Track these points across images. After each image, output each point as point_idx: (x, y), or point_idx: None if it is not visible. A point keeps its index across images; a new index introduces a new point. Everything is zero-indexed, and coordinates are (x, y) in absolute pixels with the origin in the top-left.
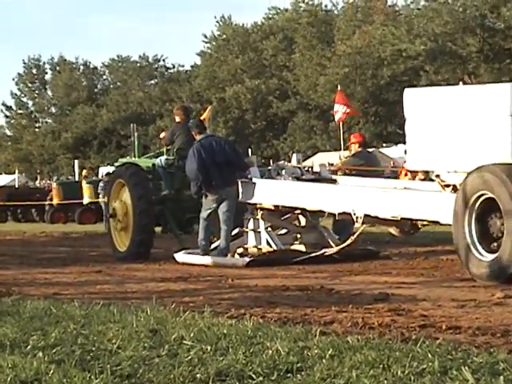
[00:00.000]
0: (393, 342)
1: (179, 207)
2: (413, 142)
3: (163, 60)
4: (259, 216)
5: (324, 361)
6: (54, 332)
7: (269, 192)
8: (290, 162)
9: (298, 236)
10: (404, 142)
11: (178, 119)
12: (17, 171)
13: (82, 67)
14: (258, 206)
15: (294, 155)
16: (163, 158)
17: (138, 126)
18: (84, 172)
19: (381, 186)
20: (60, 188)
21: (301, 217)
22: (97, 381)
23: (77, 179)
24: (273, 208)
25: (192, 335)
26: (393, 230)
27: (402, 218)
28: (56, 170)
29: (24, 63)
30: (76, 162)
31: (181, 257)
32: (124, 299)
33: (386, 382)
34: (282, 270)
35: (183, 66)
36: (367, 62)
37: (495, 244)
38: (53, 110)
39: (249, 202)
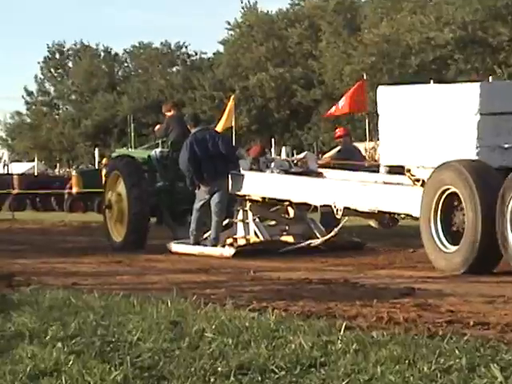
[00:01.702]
0: (419, 338)
1: (173, 199)
2: (386, 137)
3: (185, 47)
4: (248, 207)
5: (348, 356)
6: (73, 322)
7: (256, 184)
8: (314, 152)
9: (287, 227)
10: None
11: (170, 113)
12: (36, 159)
13: (102, 54)
14: (246, 197)
15: (283, 148)
16: (158, 150)
17: (159, 114)
18: (104, 160)
19: (361, 180)
20: (79, 176)
21: (290, 209)
22: (116, 372)
23: (96, 167)
24: (260, 200)
25: (213, 328)
26: (372, 223)
27: (378, 211)
28: (76, 158)
29: (48, 47)
30: (96, 150)
31: (173, 246)
32: (144, 290)
33: (411, 378)
34: (305, 262)
35: (206, 54)
36: (394, 51)
37: (458, 237)
38: (73, 96)
39: (238, 193)
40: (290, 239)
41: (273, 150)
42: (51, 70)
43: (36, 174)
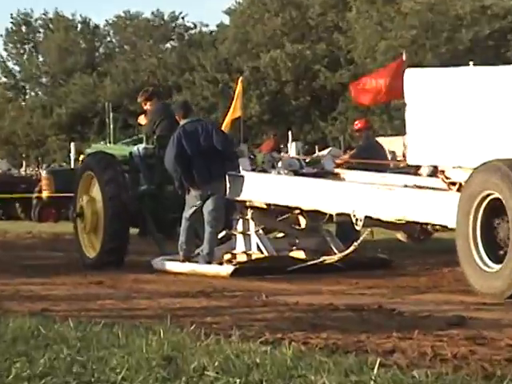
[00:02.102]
0: (471, 379)
1: (160, 205)
2: (414, 131)
3: (182, 18)
4: (249, 216)
5: None
6: (42, 358)
7: (260, 188)
8: (341, 149)
9: (297, 241)
10: None
11: (149, 105)
12: None
13: (80, 26)
14: (247, 203)
15: (293, 144)
16: (141, 146)
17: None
18: (82, 157)
19: (386, 183)
20: (51, 177)
21: (301, 218)
22: None
23: (72, 166)
24: (265, 207)
25: (216, 364)
26: (399, 236)
27: (406, 221)
28: (46, 154)
29: (12, 18)
30: (72, 144)
31: (158, 264)
32: (131, 318)
33: None
34: (329, 283)
35: (207, 26)
36: (441, 22)
37: (502, 252)
38: (43, 79)
39: (237, 199)
40: (300, 255)
41: (290, 145)
42: (16, 45)
43: None
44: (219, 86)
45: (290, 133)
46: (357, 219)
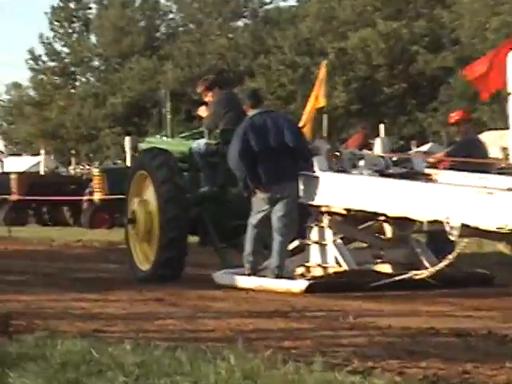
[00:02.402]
0: None
1: (223, 211)
2: None
3: None
4: (326, 223)
5: None
6: None
7: (338, 191)
8: (443, 145)
9: (382, 252)
10: None
11: (210, 96)
12: (43, 151)
13: (138, 0)
14: (324, 209)
15: (378, 140)
16: (202, 141)
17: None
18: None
19: (485, 186)
20: (104, 177)
21: (386, 226)
22: None
23: (128, 164)
24: (345, 213)
25: None
26: (502, 247)
27: (510, 230)
28: (99, 150)
29: None
30: (127, 139)
31: (220, 278)
32: (196, 341)
33: None
34: (427, 303)
35: (285, 1)
36: None
37: None
38: (96, 62)
39: (312, 203)
40: (386, 269)
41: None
42: (64, 24)
43: (42, 172)
44: (299, 70)
45: (381, 126)
46: (451, 227)
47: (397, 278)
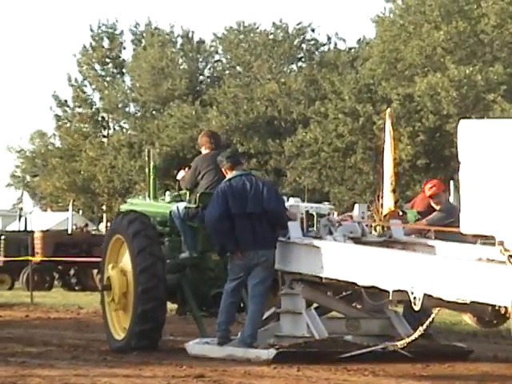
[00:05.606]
0: None
1: (203, 277)
2: (468, 194)
3: (312, 30)
4: (299, 291)
5: None
6: None
7: (311, 258)
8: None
9: (357, 323)
10: None
11: (203, 150)
12: (71, 207)
13: (180, 40)
14: (297, 276)
15: (357, 206)
16: (182, 204)
17: (268, 137)
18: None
19: (450, 255)
20: None
21: (364, 294)
22: None
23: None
24: (319, 280)
25: None
26: (468, 319)
27: (471, 302)
28: None
29: (91, 31)
30: (167, 193)
31: (191, 347)
32: None
33: None
34: (400, 377)
35: (345, 41)
36: None
37: None
38: (131, 108)
39: (286, 270)
40: (357, 339)
41: (452, 196)
42: (95, 65)
43: (70, 231)
44: (360, 120)
45: (451, 183)
46: (415, 298)
47: (368, 349)
